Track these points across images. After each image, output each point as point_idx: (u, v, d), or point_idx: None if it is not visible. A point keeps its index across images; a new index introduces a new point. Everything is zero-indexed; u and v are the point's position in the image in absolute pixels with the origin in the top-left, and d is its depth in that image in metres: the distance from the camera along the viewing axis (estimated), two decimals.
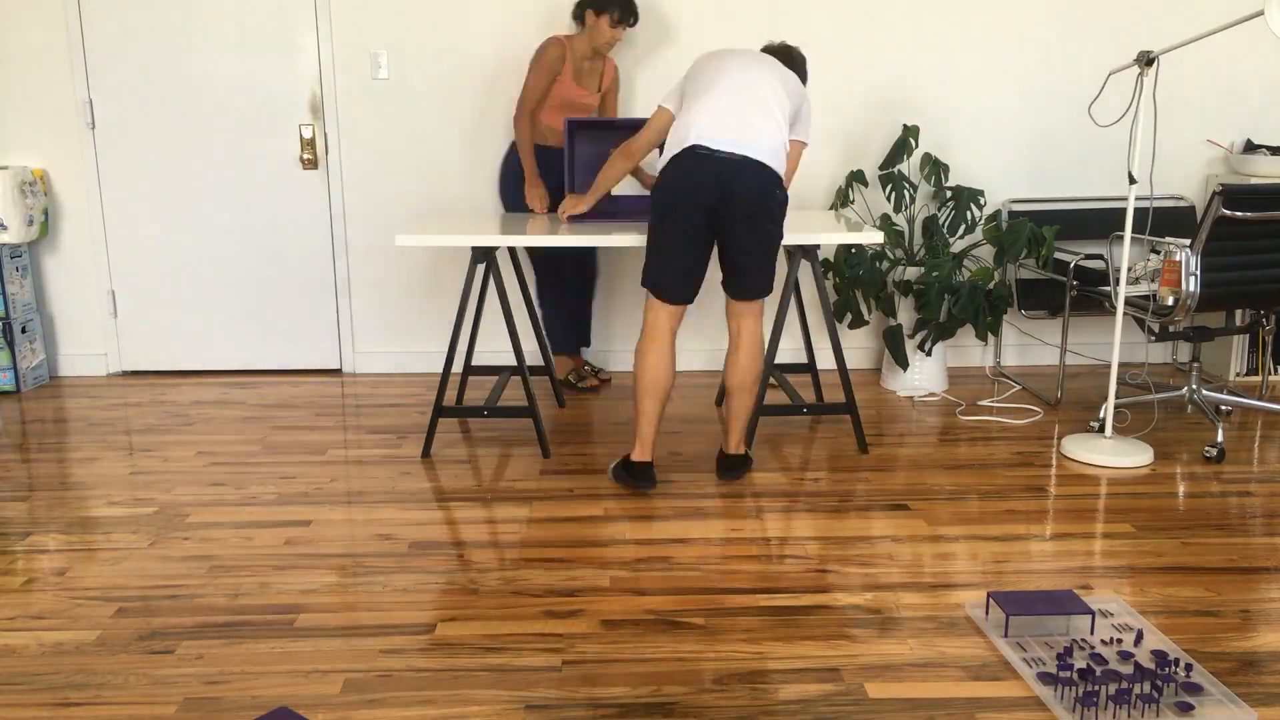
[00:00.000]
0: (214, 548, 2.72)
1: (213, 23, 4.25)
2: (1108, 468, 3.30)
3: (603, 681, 2.06)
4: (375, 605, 2.39)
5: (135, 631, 2.27)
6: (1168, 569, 2.57)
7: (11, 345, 4.24)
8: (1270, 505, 2.98)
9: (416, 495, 3.10)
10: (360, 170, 4.39)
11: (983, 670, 2.09)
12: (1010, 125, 4.44)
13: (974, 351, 4.64)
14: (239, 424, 3.83)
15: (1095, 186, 4.51)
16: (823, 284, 3.37)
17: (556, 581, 2.51)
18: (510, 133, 4.35)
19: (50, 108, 4.32)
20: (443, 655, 2.16)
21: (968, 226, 4.08)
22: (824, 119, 4.39)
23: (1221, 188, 3.16)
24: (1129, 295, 3.58)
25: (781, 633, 2.25)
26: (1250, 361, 4.34)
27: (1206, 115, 4.46)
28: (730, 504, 3.01)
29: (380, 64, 4.29)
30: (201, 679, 2.07)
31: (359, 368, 4.60)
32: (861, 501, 3.02)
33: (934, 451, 3.47)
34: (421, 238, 3.19)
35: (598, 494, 3.09)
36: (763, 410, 3.46)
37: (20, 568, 2.61)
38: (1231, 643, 2.20)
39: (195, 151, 4.37)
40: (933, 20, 4.32)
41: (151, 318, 4.52)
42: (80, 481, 3.24)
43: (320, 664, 2.13)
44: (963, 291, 3.87)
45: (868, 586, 2.47)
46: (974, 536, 2.77)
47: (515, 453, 3.48)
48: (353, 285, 4.52)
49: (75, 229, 4.44)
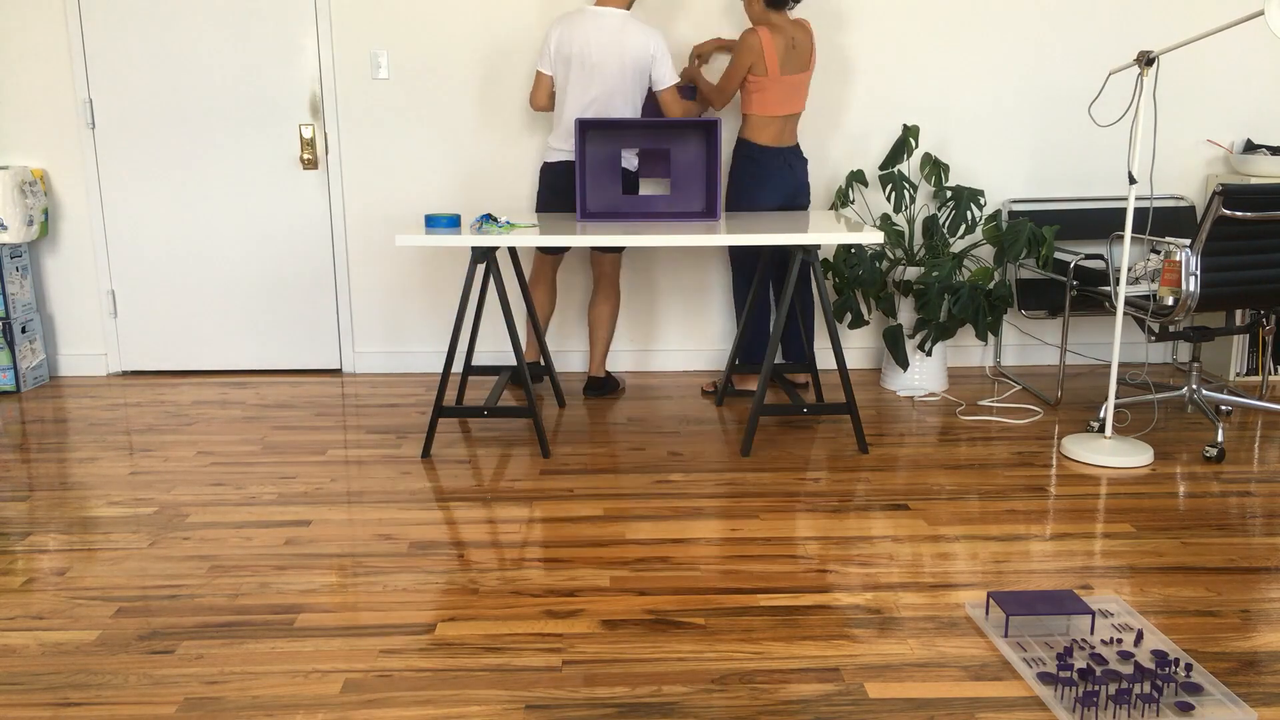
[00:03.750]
0: (214, 548, 2.72)
1: (213, 23, 4.25)
2: (1108, 468, 3.30)
3: (603, 681, 2.06)
4: (375, 605, 2.39)
5: (135, 631, 2.27)
6: (1168, 569, 2.57)
7: (11, 345, 4.24)
8: (1270, 505, 2.98)
9: (416, 495, 3.10)
10: (360, 170, 4.40)
11: (983, 670, 2.09)
12: (1010, 125, 4.44)
13: (974, 351, 4.64)
14: (239, 424, 3.83)
15: (1095, 186, 4.51)
16: (823, 284, 3.37)
17: (556, 581, 2.51)
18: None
19: (50, 108, 4.32)
20: (443, 655, 2.16)
21: (968, 226, 4.07)
22: (824, 119, 4.39)
23: (1221, 188, 3.16)
24: (1129, 295, 3.58)
25: (781, 633, 2.25)
26: (1250, 361, 4.34)
27: (1206, 115, 4.46)
28: (730, 504, 3.01)
29: (380, 64, 4.29)
30: (201, 679, 2.07)
31: (359, 368, 4.60)
32: (861, 501, 3.02)
33: (934, 451, 3.47)
34: (421, 238, 3.19)
35: (598, 494, 3.09)
36: (763, 410, 3.46)
37: (20, 568, 2.61)
38: (1231, 643, 2.20)
39: (195, 151, 4.37)
40: (933, 20, 4.32)
41: (151, 318, 4.53)
42: (80, 481, 3.24)
43: (320, 664, 2.13)
44: (963, 291, 3.87)
45: (868, 586, 2.47)
46: (974, 536, 2.77)
47: (515, 453, 3.48)
48: (353, 285, 4.52)
49: (75, 229, 4.44)
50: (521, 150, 4.39)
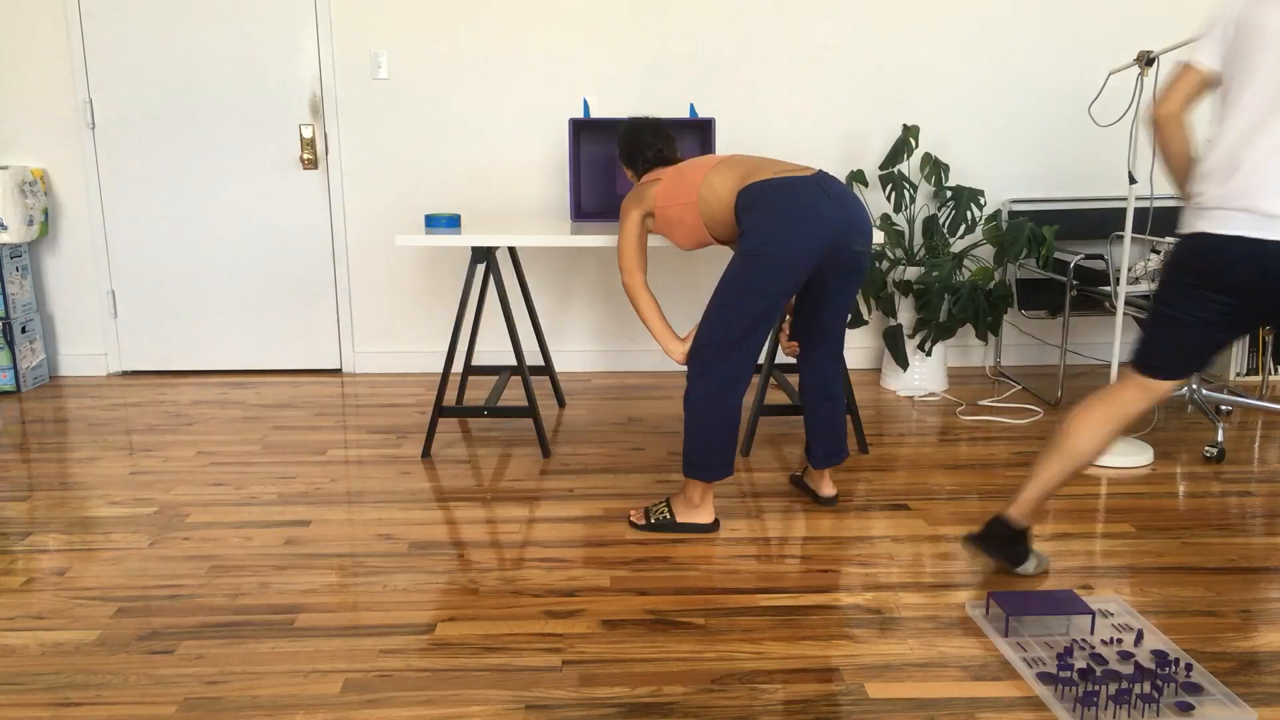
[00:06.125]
0: (214, 548, 2.72)
1: (213, 23, 4.25)
2: (1108, 468, 3.30)
3: (603, 681, 2.06)
4: (375, 605, 2.39)
5: (135, 631, 2.27)
6: (1168, 569, 2.57)
7: (11, 345, 4.24)
8: (1270, 505, 2.98)
9: (416, 495, 3.10)
10: (360, 170, 4.40)
11: (983, 670, 2.09)
12: (1010, 125, 4.44)
13: (974, 351, 4.64)
14: (239, 424, 3.83)
15: (1095, 186, 4.51)
16: None
17: (556, 581, 2.51)
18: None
19: (50, 108, 4.32)
20: (443, 655, 2.16)
21: (968, 226, 4.07)
22: (824, 119, 4.39)
23: None
24: (1129, 295, 3.58)
25: (781, 633, 2.25)
26: (1250, 361, 4.34)
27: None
28: (730, 504, 3.01)
29: (380, 64, 4.29)
30: (201, 679, 2.07)
31: (359, 368, 4.60)
32: (861, 501, 3.02)
33: (934, 451, 3.47)
34: (421, 238, 3.19)
35: (598, 494, 3.09)
36: (763, 410, 3.46)
37: (20, 568, 2.61)
38: (1231, 643, 2.20)
39: (195, 151, 4.37)
40: (933, 20, 4.32)
41: (151, 318, 4.53)
42: (80, 481, 3.24)
43: (320, 664, 2.13)
44: (963, 291, 3.87)
45: (868, 586, 2.47)
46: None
47: (515, 453, 3.48)
48: (353, 285, 4.52)
49: (75, 229, 4.44)
50: (522, 150, 4.39)
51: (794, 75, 4.34)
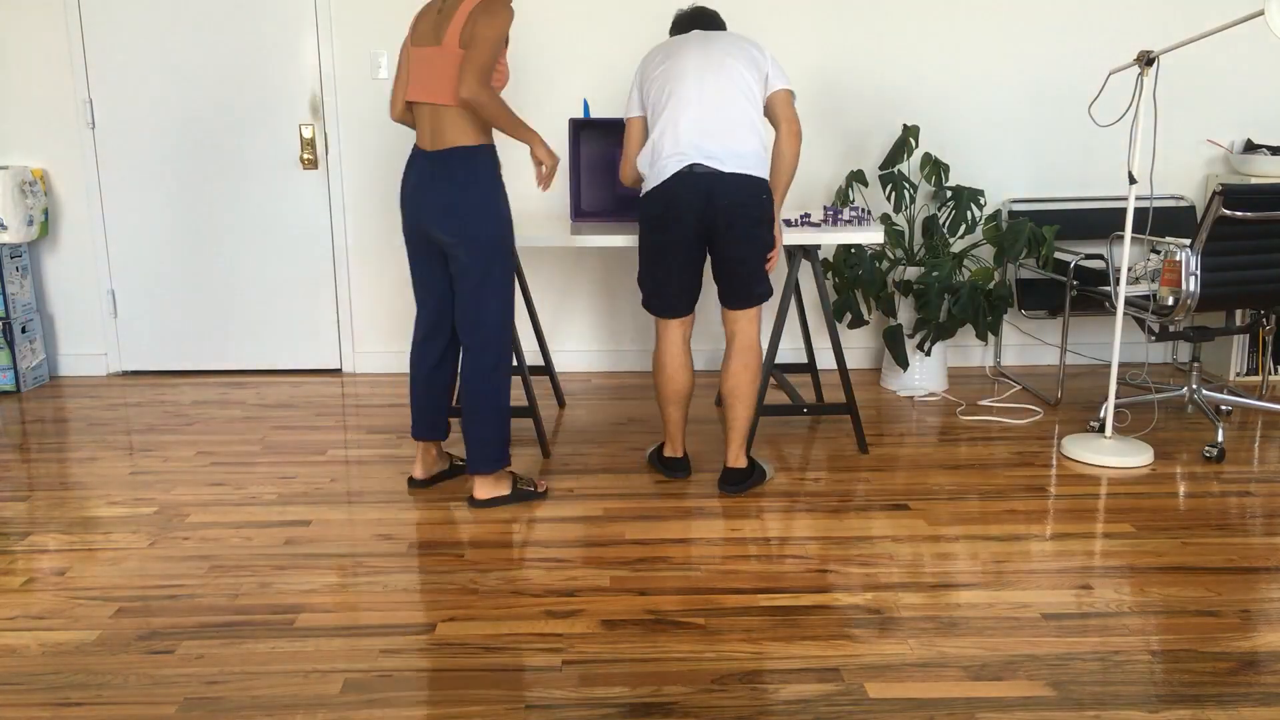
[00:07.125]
0: (214, 548, 2.72)
1: (213, 23, 4.25)
2: (1108, 468, 3.30)
3: (603, 681, 2.06)
4: (375, 605, 2.39)
5: (135, 631, 2.27)
6: (1168, 569, 2.57)
7: (11, 345, 4.24)
8: (1270, 505, 2.98)
9: (416, 495, 3.10)
10: (360, 170, 4.40)
11: (983, 670, 2.09)
12: (1010, 125, 4.44)
13: (974, 351, 4.64)
14: (239, 424, 3.83)
15: (1095, 186, 4.51)
16: (823, 284, 3.37)
17: (556, 581, 2.51)
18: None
19: (50, 108, 4.32)
20: (443, 655, 2.16)
21: (968, 226, 4.07)
22: (824, 119, 4.39)
23: (1221, 187, 3.16)
24: (1129, 295, 3.58)
25: (781, 633, 2.25)
26: (1250, 361, 4.33)
27: (1206, 115, 4.46)
28: (730, 504, 3.01)
29: (380, 64, 4.29)
30: (201, 679, 2.07)
31: (359, 368, 4.60)
32: (861, 501, 3.02)
33: (934, 451, 3.47)
34: None
35: (598, 494, 3.09)
36: (763, 410, 3.46)
37: (20, 568, 2.61)
38: (1231, 643, 2.20)
39: (195, 151, 4.37)
40: (933, 20, 4.32)
41: (151, 318, 4.52)
42: (80, 481, 3.24)
43: (320, 664, 2.13)
44: (963, 291, 3.87)
45: (868, 586, 2.47)
46: (974, 536, 2.77)
47: (515, 453, 3.48)
48: (353, 285, 4.52)
49: (75, 229, 4.44)
50: (522, 150, 4.39)
51: (793, 75, 4.34)
